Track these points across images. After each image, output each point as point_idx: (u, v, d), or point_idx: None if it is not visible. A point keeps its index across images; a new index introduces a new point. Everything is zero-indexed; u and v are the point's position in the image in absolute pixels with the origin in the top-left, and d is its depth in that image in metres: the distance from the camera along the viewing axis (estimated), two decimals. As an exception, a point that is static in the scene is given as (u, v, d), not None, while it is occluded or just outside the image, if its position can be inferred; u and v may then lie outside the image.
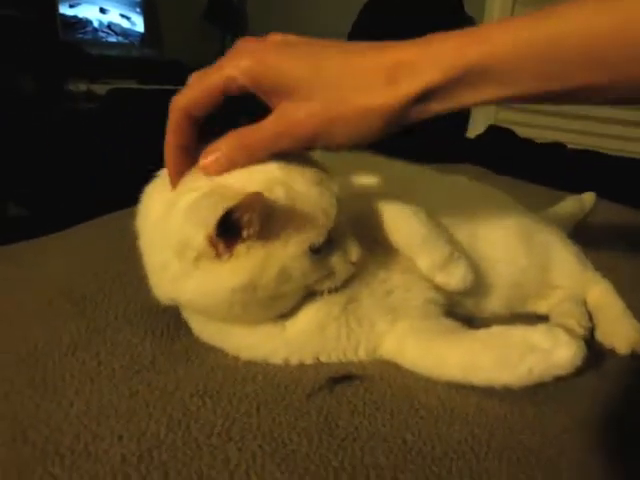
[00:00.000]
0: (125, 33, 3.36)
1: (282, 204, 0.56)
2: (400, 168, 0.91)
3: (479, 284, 0.79)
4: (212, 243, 0.55)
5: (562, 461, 0.54)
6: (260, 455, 0.51)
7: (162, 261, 0.59)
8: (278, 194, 0.56)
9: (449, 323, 0.72)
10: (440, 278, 0.72)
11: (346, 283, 0.68)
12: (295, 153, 0.58)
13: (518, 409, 0.62)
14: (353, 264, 0.65)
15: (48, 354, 0.64)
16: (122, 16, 3.32)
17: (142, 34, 3.45)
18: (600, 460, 0.55)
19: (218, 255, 0.56)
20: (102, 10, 3.20)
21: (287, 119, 0.52)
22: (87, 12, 3.14)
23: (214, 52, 3.51)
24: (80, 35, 3.14)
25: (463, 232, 0.80)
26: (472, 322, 0.77)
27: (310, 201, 0.58)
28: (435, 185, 0.90)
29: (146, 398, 0.58)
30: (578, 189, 1.47)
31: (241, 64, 0.52)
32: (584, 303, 0.89)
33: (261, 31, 0.61)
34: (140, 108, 2.53)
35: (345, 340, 0.68)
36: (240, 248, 0.56)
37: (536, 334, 0.61)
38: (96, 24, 3.20)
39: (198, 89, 0.55)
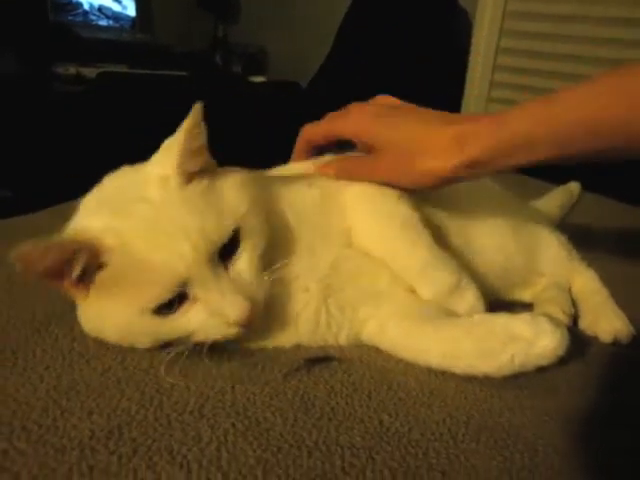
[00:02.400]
0: (116, 17, 3.33)
1: (115, 257, 0.53)
2: None
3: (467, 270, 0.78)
4: (55, 287, 0.57)
5: (539, 444, 0.53)
6: (232, 433, 0.50)
7: None
8: (110, 244, 0.53)
9: (433, 309, 0.70)
10: (447, 305, 0.69)
11: (327, 274, 0.67)
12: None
13: (498, 392, 0.61)
14: (235, 325, 0.56)
15: (20, 329, 0.63)
16: (113, -1, 3.29)
17: (133, 18, 3.42)
18: (578, 444, 0.54)
19: (72, 295, 0.58)
20: (93, -8, 3.17)
21: (374, 165, 0.72)
22: (78, -6, 3.11)
23: (206, 38, 3.49)
24: (70, 18, 3.11)
25: (452, 219, 0.80)
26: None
27: (147, 257, 0.53)
28: None
29: (119, 375, 0.57)
30: (566, 179, 1.48)
31: (348, 125, 0.74)
32: (569, 291, 0.89)
33: (253, 18, 0.61)
34: (130, 92, 2.50)
35: (325, 327, 0.67)
36: (92, 291, 0.56)
37: (518, 323, 0.60)
38: (87, 7, 3.16)
39: (319, 130, 0.77)
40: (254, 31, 3.45)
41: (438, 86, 2.57)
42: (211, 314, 0.56)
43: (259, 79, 3.15)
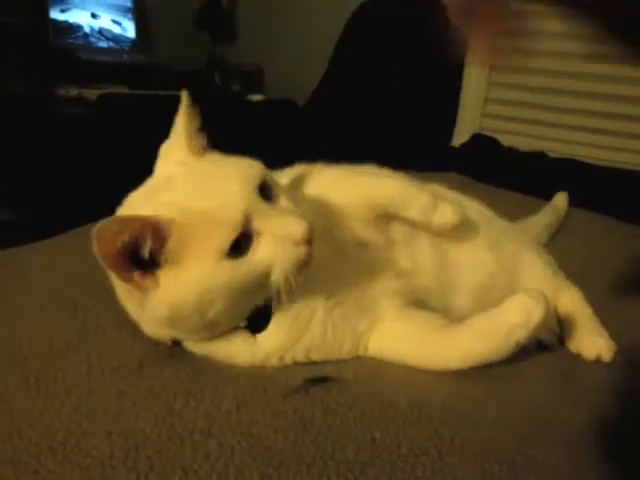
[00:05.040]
0: (116, 38, 3.39)
1: (178, 222, 0.58)
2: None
3: (445, 283, 0.85)
4: (126, 279, 0.59)
5: (518, 456, 0.58)
6: (238, 450, 0.55)
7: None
8: (168, 216, 0.58)
9: (432, 318, 0.78)
10: (436, 220, 0.80)
11: (327, 283, 0.73)
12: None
13: (481, 407, 0.66)
14: (302, 242, 0.61)
15: (41, 357, 0.68)
16: (113, 21, 3.34)
17: (133, 40, 3.48)
18: (554, 457, 0.59)
19: (142, 289, 0.59)
20: (93, 15, 3.23)
21: None
22: (78, 17, 3.16)
23: (204, 58, 3.55)
24: (71, 40, 3.17)
25: (433, 237, 0.85)
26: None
27: (205, 207, 0.59)
28: None
29: (133, 398, 0.62)
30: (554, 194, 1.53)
31: None
32: (554, 309, 0.92)
33: (250, 37, 0.66)
34: (131, 113, 2.55)
35: (331, 337, 0.73)
36: (162, 275, 0.59)
37: (511, 314, 0.69)
38: (87, 29, 3.22)
39: None
40: (251, 50, 3.51)
41: (433, 103, 2.62)
42: (279, 240, 0.61)
43: (257, 97, 3.21)
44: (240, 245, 0.60)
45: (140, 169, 0.69)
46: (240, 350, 0.69)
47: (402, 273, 0.81)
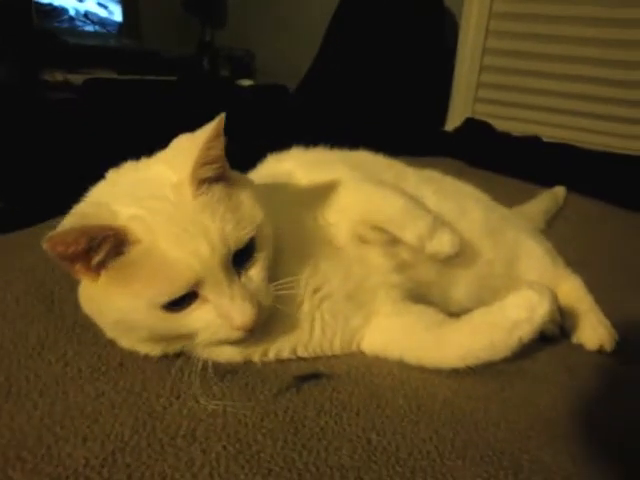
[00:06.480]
0: (103, 22, 3.31)
1: (143, 247, 0.54)
2: (379, 163, 0.93)
3: (445, 275, 0.81)
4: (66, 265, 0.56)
5: (524, 459, 0.54)
6: (224, 456, 0.51)
7: None
8: (139, 235, 0.54)
9: (430, 312, 0.75)
10: (430, 247, 0.75)
11: (313, 277, 0.69)
12: None
13: (484, 405, 0.63)
14: (239, 330, 0.58)
15: (12, 354, 0.63)
16: (99, 5, 3.27)
17: (120, 24, 3.40)
18: (562, 458, 0.56)
19: (75, 273, 0.57)
20: (79, -2, 3.15)
21: None
22: (63, 0, 3.09)
23: (193, 42, 3.48)
24: (57, 24, 3.09)
25: None
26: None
27: (168, 252, 0.55)
28: (408, 179, 0.91)
29: (112, 399, 0.58)
30: (552, 182, 1.50)
31: None
32: (556, 299, 0.90)
33: (240, 22, 0.60)
34: (117, 98, 2.49)
35: (320, 333, 0.70)
36: (102, 275, 0.56)
37: (513, 309, 0.66)
38: (72, 13, 3.15)
39: None
40: (241, 34, 3.45)
41: (425, 87, 2.58)
42: (218, 316, 0.58)
43: (247, 82, 3.15)
44: (182, 299, 0.56)
45: (127, 155, 0.65)
46: (221, 346, 0.65)
47: (403, 266, 0.77)
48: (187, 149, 0.58)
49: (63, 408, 0.56)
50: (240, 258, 0.59)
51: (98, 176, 0.63)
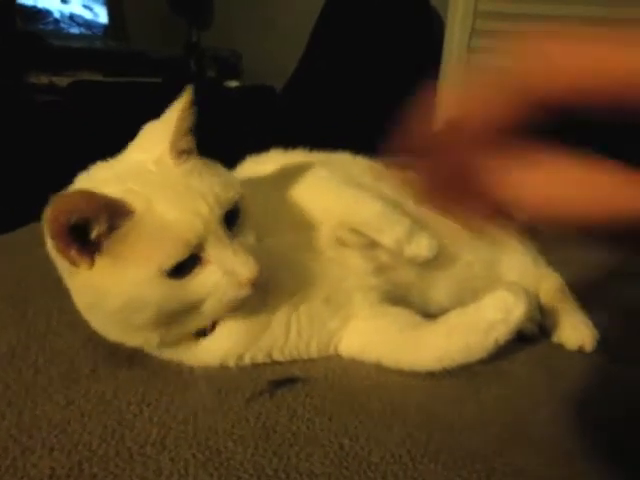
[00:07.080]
0: (88, 24, 3.29)
1: (139, 216, 0.54)
2: (359, 165, 0.92)
3: (425, 276, 0.81)
4: (62, 251, 0.54)
5: (497, 462, 0.54)
6: (193, 464, 0.50)
7: None
8: (136, 206, 0.54)
9: (407, 314, 0.74)
10: (409, 251, 0.74)
11: (290, 280, 0.69)
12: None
13: (459, 408, 0.62)
14: (245, 284, 0.58)
15: (-18, 363, 0.63)
16: (84, 7, 3.25)
17: (105, 25, 3.38)
18: (537, 461, 0.55)
19: (74, 263, 0.55)
20: (63, 0, 3.13)
21: None
22: (47, 2, 3.06)
23: (180, 44, 3.46)
24: (41, 26, 3.07)
25: None
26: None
27: (168, 217, 0.55)
28: (389, 182, 0.90)
29: (82, 407, 0.57)
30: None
31: None
32: (536, 298, 0.89)
33: (226, 22, 0.60)
34: (103, 100, 2.48)
35: (296, 337, 0.69)
36: (99, 260, 0.55)
37: (489, 310, 0.66)
38: (57, 15, 3.12)
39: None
40: (228, 35, 3.44)
41: (413, 87, 2.57)
42: (224, 273, 0.57)
43: (234, 84, 3.14)
44: (184, 265, 0.56)
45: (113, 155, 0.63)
46: (198, 351, 0.65)
47: (382, 268, 0.77)
48: (160, 129, 0.60)
49: (31, 418, 0.55)
50: (228, 221, 0.59)
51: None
